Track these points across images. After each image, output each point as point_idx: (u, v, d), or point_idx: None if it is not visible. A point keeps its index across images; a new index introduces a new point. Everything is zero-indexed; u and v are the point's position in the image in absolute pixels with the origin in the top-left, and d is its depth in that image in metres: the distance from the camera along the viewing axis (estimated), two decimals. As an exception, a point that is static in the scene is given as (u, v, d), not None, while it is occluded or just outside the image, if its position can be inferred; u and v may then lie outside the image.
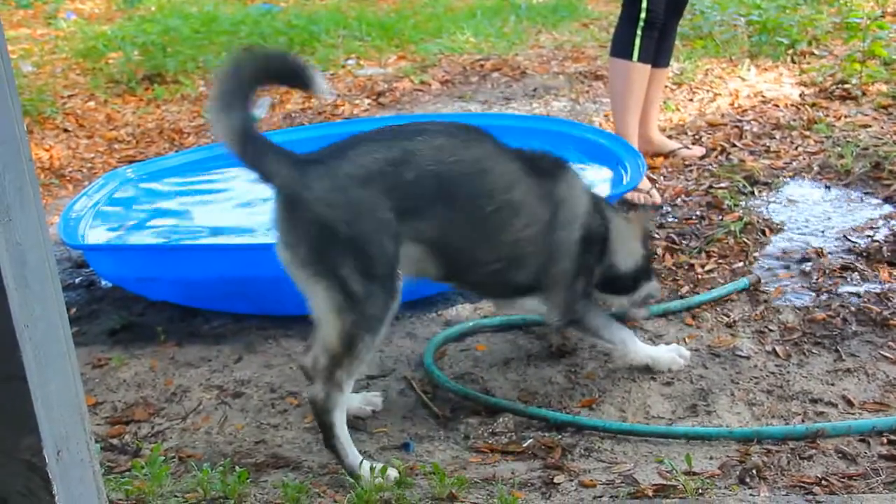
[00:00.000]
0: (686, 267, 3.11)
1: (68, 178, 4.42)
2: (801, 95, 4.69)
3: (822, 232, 3.27)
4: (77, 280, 3.30)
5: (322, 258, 2.05)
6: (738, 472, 2.03)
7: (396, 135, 2.20)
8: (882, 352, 2.53)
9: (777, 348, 2.58)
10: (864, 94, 4.57)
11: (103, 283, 3.22)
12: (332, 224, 2.04)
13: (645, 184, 3.54)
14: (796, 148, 4.04)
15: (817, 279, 2.94)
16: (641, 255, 2.55)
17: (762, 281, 2.94)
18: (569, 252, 2.35)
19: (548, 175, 2.33)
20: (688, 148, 4.08)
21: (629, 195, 3.49)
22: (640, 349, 2.50)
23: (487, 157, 2.22)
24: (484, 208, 2.21)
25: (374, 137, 2.19)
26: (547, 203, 2.30)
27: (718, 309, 2.83)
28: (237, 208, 3.55)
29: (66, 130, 5.07)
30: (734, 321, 2.75)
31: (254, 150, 2.03)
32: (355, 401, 2.42)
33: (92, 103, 5.50)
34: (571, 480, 2.05)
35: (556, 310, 2.41)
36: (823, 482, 1.99)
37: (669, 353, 2.52)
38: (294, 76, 2.13)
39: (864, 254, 3.06)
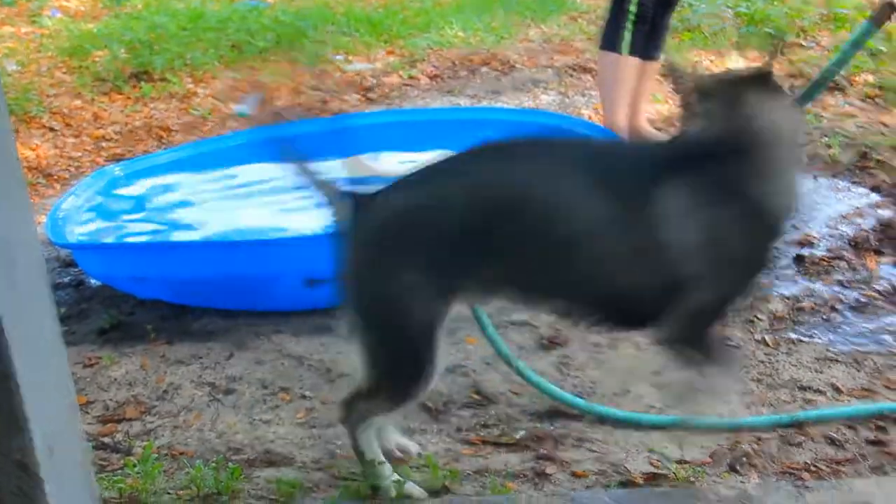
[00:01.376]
0: (675, 258, 3.12)
1: (55, 177, 4.39)
2: (789, 87, 4.70)
3: (810, 221, 3.29)
4: (66, 279, 3.28)
5: (354, 318, 1.85)
6: (728, 460, 2.05)
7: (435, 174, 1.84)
8: (869, 339, 2.55)
9: (766, 337, 2.60)
10: (851, 84, 4.60)
11: (92, 281, 3.21)
12: (357, 285, 1.83)
13: (634, 176, 3.55)
14: (784, 138, 4.05)
15: (805, 268, 2.96)
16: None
17: None
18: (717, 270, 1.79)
19: (636, 190, 1.80)
20: (676, 139, 4.09)
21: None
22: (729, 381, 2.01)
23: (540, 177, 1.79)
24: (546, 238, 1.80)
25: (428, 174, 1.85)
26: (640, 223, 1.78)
27: (708, 299, 2.84)
28: (225, 205, 3.54)
29: (52, 129, 5.04)
30: (723, 311, 2.76)
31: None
32: (392, 442, 2.14)
33: (78, 102, 5.46)
34: (563, 471, 2.07)
35: (675, 328, 1.88)
36: (812, 468, 2.01)
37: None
38: None
39: (852, 243, 3.09)
